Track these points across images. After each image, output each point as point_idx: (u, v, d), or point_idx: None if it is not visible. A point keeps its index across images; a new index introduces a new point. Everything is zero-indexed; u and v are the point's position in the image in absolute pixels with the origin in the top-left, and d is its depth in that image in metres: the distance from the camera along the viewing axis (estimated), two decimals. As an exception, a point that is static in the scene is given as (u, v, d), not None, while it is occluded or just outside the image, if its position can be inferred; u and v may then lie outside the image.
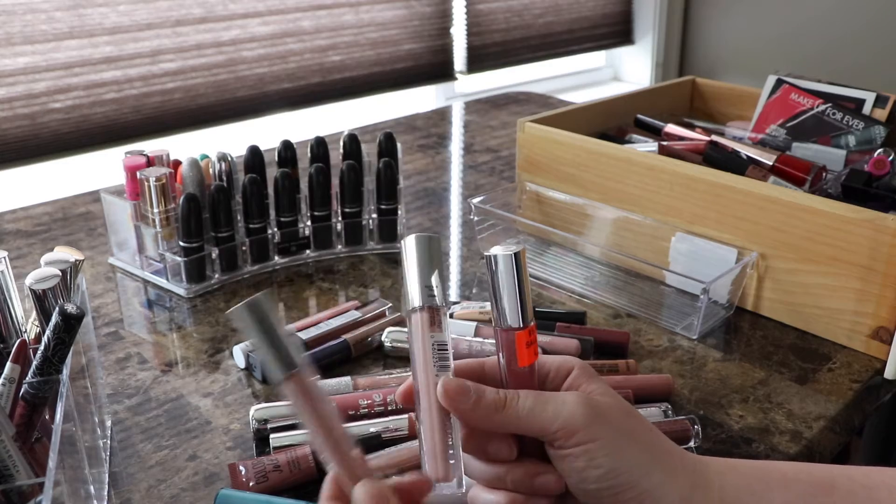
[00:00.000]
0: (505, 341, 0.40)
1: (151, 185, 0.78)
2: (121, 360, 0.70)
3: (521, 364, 0.40)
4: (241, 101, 1.50)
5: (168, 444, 0.59)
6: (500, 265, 0.40)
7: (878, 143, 0.92)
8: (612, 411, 0.40)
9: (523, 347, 0.40)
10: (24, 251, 0.91)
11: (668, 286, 0.80)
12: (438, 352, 0.39)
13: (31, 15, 1.23)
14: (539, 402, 0.39)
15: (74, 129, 1.31)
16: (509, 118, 1.43)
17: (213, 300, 0.80)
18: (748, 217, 0.74)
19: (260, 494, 0.52)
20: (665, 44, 2.25)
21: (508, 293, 0.40)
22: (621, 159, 0.84)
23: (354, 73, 1.65)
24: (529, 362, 0.41)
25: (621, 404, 0.41)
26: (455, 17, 1.82)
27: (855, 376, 0.68)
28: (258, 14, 1.48)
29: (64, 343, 0.45)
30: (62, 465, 0.40)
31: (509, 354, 0.40)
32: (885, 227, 0.66)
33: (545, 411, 0.39)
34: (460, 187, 1.12)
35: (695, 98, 1.17)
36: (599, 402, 0.40)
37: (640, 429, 0.41)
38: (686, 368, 0.69)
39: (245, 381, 0.67)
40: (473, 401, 0.39)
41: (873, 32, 1.88)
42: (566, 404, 0.39)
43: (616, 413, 0.40)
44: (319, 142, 0.88)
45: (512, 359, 0.40)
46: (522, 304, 0.40)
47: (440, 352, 0.39)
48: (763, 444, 0.60)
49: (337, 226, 0.89)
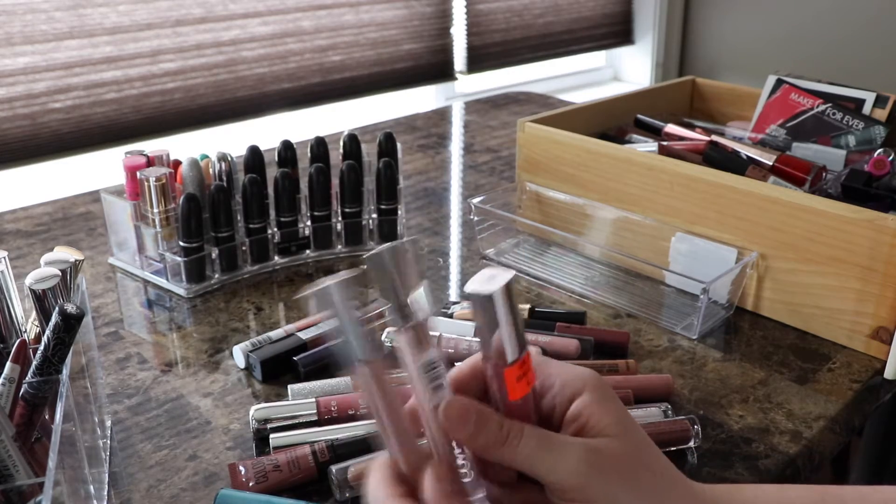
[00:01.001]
0: (494, 374, 0.38)
1: (151, 185, 0.78)
2: (121, 360, 0.70)
3: (511, 398, 0.37)
4: (241, 101, 1.50)
5: (168, 444, 0.59)
6: (479, 303, 0.35)
7: (878, 143, 0.92)
8: (618, 465, 0.37)
9: (513, 382, 0.37)
10: (24, 251, 0.91)
11: (668, 286, 0.80)
12: (427, 374, 0.36)
13: (31, 15, 1.23)
14: (540, 447, 0.36)
15: (74, 129, 1.31)
16: (509, 118, 1.43)
17: (213, 300, 0.80)
18: (748, 217, 0.74)
19: (260, 494, 0.52)
20: (665, 44, 2.25)
21: (490, 329, 0.36)
22: (621, 159, 0.84)
23: (354, 73, 1.65)
24: (522, 395, 0.38)
25: (633, 450, 0.37)
26: (455, 17, 1.82)
27: (855, 376, 0.68)
28: (258, 14, 1.48)
29: (64, 343, 0.45)
30: (62, 465, 0.40)
31: (500, 387, 0.38)
32: (885, 227, 0.66)
33: (544, 461, 0.36)
34: (460, 187, 1.12)
35: (695, 98, 1.17)
36: (604, 457, 0.36)
37: (648, 479, 0.38)
38: (686, 368, 0.69)
39: (245, 381, 0.67)
40: (472, 433, 0.36)
41: (873, 32, 1.88)
42: (566, 458, 0.36)
43: (624, 465, 0.37)
44: (319, 142, 0.88)
45: (503, 391, 0.37)
46: (509, 338, 0.36)
47: (430, 373, 0.37)
48: (763, 444, 0.60)
49: (337, 226, 0.89)
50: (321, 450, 0.55)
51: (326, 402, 0.59)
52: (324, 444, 0.56)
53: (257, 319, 0.77)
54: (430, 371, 0.36)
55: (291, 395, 0.62)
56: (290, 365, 0.67)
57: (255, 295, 0.81)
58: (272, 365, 0.67)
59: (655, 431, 0.57)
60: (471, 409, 0.37)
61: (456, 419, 0.36)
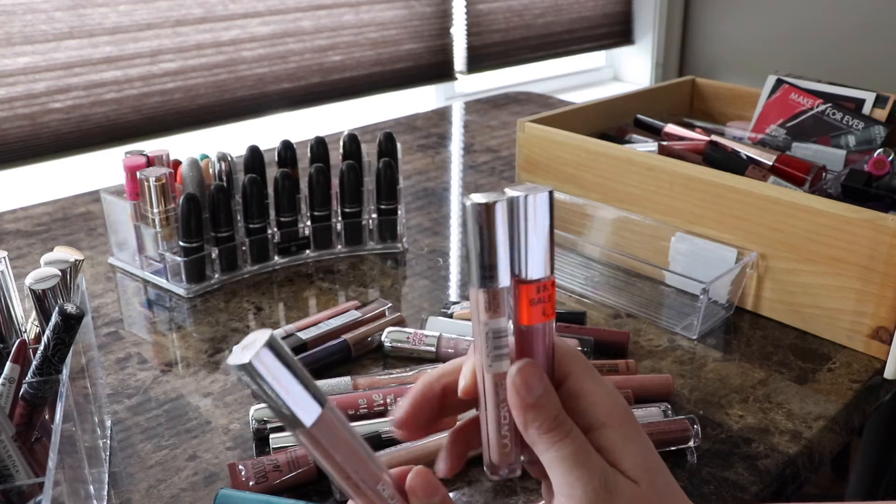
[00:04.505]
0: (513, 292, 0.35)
1: (151, 185, 0.78)
2: (121, 360, 0.70)
3: (521, 322, 0.35)
4: (241, 101, 1.50)
5: (168, 444, 0.60)
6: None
7: (877, 143, 0.92)
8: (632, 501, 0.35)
9: (527, 304, 0.35)
10: (24, 251, 0.91)
11: (668, 286, 0.80)
12: (494, 340, 0.35)
13: (31, 15, 1.23)
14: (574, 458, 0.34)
15: (74, 129, 1.31)
16: (509, 118, 1.43)
17: (213, 300, 0.80)
18: (748, 217, 0.74)
19: (260, 494, 0.52)
20: (665, 44, 2.25)
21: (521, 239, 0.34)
22: (621, 159, 0.84)
23: (354, 73, 1.65)
24: (533, 321, 0.35)
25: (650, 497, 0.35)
26: (455, 17, 1.82)
27: (855, 376, 0.68)
28: (258, 14, 1.48)
29: (64, 343, 0.45)
30: (62, 465, 0.40)
31: (515, 308, 0.36)
32: (885, 227, 0.66)
33: (571, 472, 0.34)
34: (460, 187, 1.12)
35: (695, 98, 1.17)
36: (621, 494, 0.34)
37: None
38: (686, 368, 0.69)
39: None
40: (530, 403, 0.35)
41: (873, 32, 1.88)
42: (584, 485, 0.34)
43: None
44: (319, 142, 0.88)
45: (517, 313, 0.35)
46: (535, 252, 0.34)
47: (497, 340, 0.35)
48: (763, 444, 0.60)
49: (337, 226, 0.89)
50: (321, 450, 0.55)
51: (326, 402, 0.59)
52: (324, 444, 0.56)
53: (257, 319, 0.77)
54: (497, 338, 0.35)
55: (291, 395, 0.62)
56: (290, 365, 0.67)
57: (254, 295, 0.81)
58: (272, 365, 0.67)
59: (655, 431, 0.57)
60: (540, 381, 0.35)
61: (522, 384, 0.35)
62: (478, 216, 0.33)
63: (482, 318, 0.35)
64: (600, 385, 0.36)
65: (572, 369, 0.36)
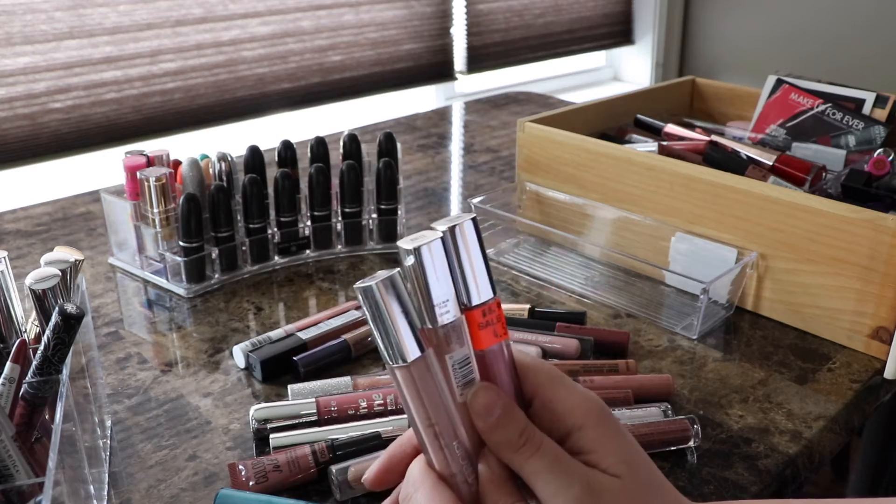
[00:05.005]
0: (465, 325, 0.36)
1: (151, 185, 0.78)
2: (121, 360, 0.70)
3: (475, 347, 0.35)
4: (241, 101, 1.50)
5: (168, 443, 0.60)
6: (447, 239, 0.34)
7: (877, 143, 0.92)
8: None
9: (475, 329, 0.35)
10: (24, 251, 0.91)
11: (668, 286, 0.80)
12: (461, 370, 0.35)
13: (31, 15, 1.24)
14: (551, 468, 0.34)
15: (74, 129, 1.31)
16: (509, 118, 1.43)
17: (213, 300, 0.80)
18: (748, 217, 0.74)
19: (260, 494, 0.52)
20: (665, 44, 2.25)
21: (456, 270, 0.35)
22: (621, 159, 0.84)
23: (354, 73, 1.65)
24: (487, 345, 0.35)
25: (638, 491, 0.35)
26: (455, 17, 1.82)
27: (855, 376, 0.68)
28: (258, 14, 1.48)
29: (64, 343, 0.45)
30: (62, 465, 0.40)
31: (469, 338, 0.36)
32: (885, 227, 0.66)
33: (549, 483, 0.34)
34: (460, 187, 1.12)
35: (695, 98, 1.17)
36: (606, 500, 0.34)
37: None
38: (686, 368, 0.69)
39: (245, 381, 0.67)
40: (492, 424, 0.35)
41: (873, 32, 1.88)
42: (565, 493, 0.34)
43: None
44: (319, 142, 0.88)
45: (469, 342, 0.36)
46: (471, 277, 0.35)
47: (463, 369, 0.35)
48: (763, 444, 0.60)
49: (337, 226, 0.89)
50: (321, 450, 0.55)
51: (326, 402, 0.59)
52: (324, 444, 0.56)
53: (257, 319, 0.77)
54: (463, 367, 0.35)
55: (291, 395, 0.62)
56: (290, 365, 0.67)
57: (254, 295, 0.81)
58: (272, 365, 0.67)
59: (655, 431, 0.57)
60: (497, 402, 0.35)
61: (481, 407, 0.35)
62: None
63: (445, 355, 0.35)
64: (571, 390, 0.36)
65: (540, 380, 0.37)
